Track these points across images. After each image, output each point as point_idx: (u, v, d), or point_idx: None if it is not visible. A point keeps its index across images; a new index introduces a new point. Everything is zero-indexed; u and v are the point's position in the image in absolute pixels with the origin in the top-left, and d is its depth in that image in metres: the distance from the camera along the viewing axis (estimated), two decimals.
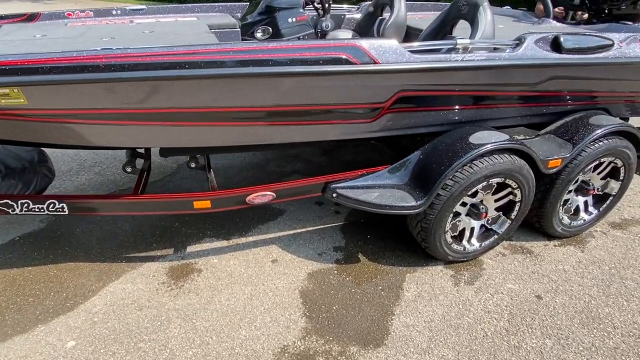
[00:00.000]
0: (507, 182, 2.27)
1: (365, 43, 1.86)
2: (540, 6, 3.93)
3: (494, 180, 2.23)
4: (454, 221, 2.35)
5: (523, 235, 2.77)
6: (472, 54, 2.06)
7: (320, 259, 2.52)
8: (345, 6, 3.88)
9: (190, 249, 2.57)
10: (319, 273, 2.40)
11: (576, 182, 2.58)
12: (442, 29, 2.80)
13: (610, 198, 2.74)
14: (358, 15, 3.77)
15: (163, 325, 2.04)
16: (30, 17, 2.89)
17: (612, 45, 2.31)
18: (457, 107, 2.30)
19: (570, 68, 2.25)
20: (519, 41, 2.17)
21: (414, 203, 2.15)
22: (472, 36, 2.43)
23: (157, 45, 1.91)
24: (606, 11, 3.51)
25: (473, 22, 2.47)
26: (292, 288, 2.28)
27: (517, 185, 2.30)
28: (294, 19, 2.95)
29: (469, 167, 2.13)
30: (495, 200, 2.40)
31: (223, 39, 3.02)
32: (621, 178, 2.65)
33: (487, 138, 2.16)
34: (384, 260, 2.52)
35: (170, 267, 2.42)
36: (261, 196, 2.18)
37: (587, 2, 3.57)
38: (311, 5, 3.42)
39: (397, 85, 2.01)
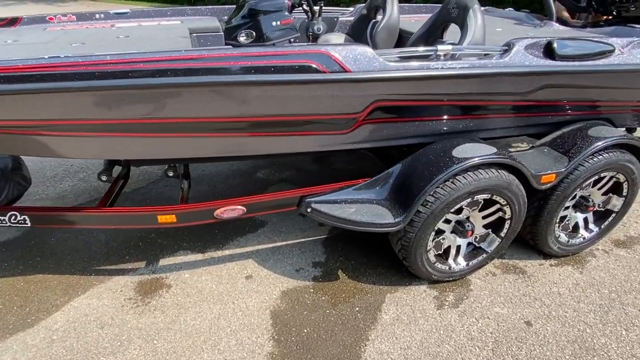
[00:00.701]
0: (494, 198, 2.10)
1: (334, 50, 1.73)
2: (559, 7, 3.72)
3: (480, 197, 2.07)
4: (437, 239, 2.20)
5: (517, 253, 2.59)
6: (454, 61, 1.90)
7: (297, 275, 2.39)
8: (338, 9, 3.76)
9: (163, 262, 2.47)
10: (294, 291, 2.27)
11: (574, 197, 2.40)
12: (432, 33, 2.64)
13: (613, 215, 2.54)
14: (351, 18, 3.64)
15: (123, 346, 1.94)
16: (11, 22, 2.84)
17: (612, 51, 2.12)
18: (442, 117, 2.15)
19: (565, 76, 2.07)
20: (508, 47, 2.01)
21: (391, 220, 2.00)
22: (461, 41, 2.27)
23: (125, 51, 1.83)
24: (614, 13, 3.30)
25: (462, 26, 2.31)
26: (264, 308, 2.16)
27: (506, 202, 2.14)
28: (278, 23, 2.83)
29: (452, 182, 1.98)
30: (483, 217, 2.23)
31: (205, 43, 2.93)
32: (624, 194, 2.45)
33: (472, 151, 2.00)
34: (365, 278, 2.38)
35: (140, 281, 2.32)
36: (230, 210, 2.07)
37: (594, 3, 3.36)
38: (300, 8, 3.30)
39: (372, 95, 1.87)
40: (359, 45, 1.78)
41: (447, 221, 2.17)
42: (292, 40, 3.65)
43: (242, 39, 2.88)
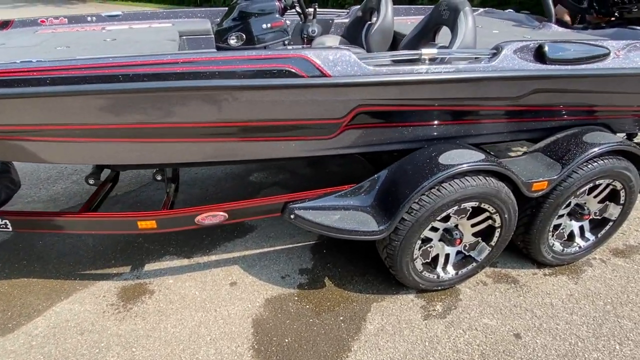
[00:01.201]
0: (483, 206, 2.04)
1: (313, 54, 1.68)
2: (561, 9, 3.65)
3: (468, 205, 2.01)
4: (424, 247, 2.14)
5: (510, 261, 2.52)
6: (439, 65, 1.85)
7: (283, 282, 2.35)
8: (333, 11, 3.71)
9: (148, 267, 2.45)
10: (278, 299, 2.23)
11: (568, 205, 2.32)
12: (424, 36, 2.59)
13: (610, 223, 2.45)
14: (347, 20, 3.59)
15: (101, 353, 1.92)
16: (3, 25, 2.85)
17: (607, 54, 2.04)
18: (431, 122, 2.09)
19: (557, 80, 2.00)
20: (496, 50, 1.94)
21: (375, 228, 1.95)
22: (451, 44, 2.21)
23: (108, 54, 1.81)
24: (616, 14, 3.21)
25: (453, 28, 2.25)
26: (246, 316, 2.12)
27: (495, 210, 2.07)
28: (268, 25, 2.80)
29: (437, 190, 1.92)
30: (472, 225, 2.17)
31: (195, 45, 2.91)
32: (621, 202, 2.37)
33: (459, 158, 1.94)
34: (351, 286, 2.33)
35: (123, 287, 2.30)
36: (211, 217, 2.03)
37: (595, 5, 3.28)
38: (294, 11, 3.27)
39: (354, 100, 1.82)
40: (340, 49, 1.73)
41: (434, 229, 2.11)
42: (286, 43, 3.64)
43: (232, 41, 2.85)
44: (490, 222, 2.15)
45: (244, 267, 2.46)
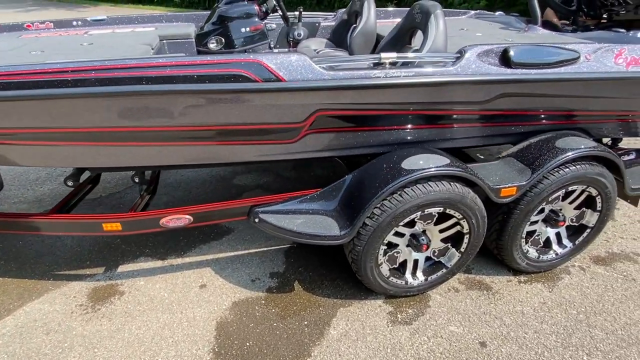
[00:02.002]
0: (448, 212, 2.01)
1: (267, 59, 1.68)
2: (549, 11, 3.60)
3: (432, 210, 1.98)
4: (391, 252, 2.12)
5: (486, 268, 2.48)
6: (398, 70, 1.83)
7: (252, 286, 2.35)
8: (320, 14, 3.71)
9: (122, 268, 2.47)
10: (245, 302, 2.23)
11: (542, 212, 2.27)
12: (400, 39, 2.57)
13: (588, 230, 2.40)
14: (333, 24, 3.59)
15: (63, 353, 1.94)
16: None
17: (577, 58, 2.00)
18: (397, 127, 2.07)
19: (523, 85, 1.96)
20: (460, 55, 1.91)
21: (337, 233, 1.94)
22: (421, 47, 2.19)
23: (78, 59, 1.85)
24: (604, 16, 3.14)
25: (424, 32, 2.23)
26: (211, 318, 2.13)
27: (462, 216, 2.04)
28: (247, 29, 2.82)
29: (399, 195, 1.90)
30: (441, 231, 2.14)
31: (175, 49, 2.93)
32: (598, 209, 2.31)
33: (422, 163, 1.92)
34: (320, 290, 2.32)
35: (95, 287, 2.33)
36: (176, 219, 2.05)
37: (584, 7, 3.21)
38: (278, 15, 3.28)
39: (313, 105, 1.82)
40: (295, 53, 1.73)
41: (400, 234, 2.08)
42: (271, 45, 3.65)
43: (212, 45, 2.88)
44: (458, 228, 2.12)
45: (216, 269, 2.46)
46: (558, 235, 2.41)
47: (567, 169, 2.09)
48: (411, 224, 2.05)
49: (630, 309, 2.22)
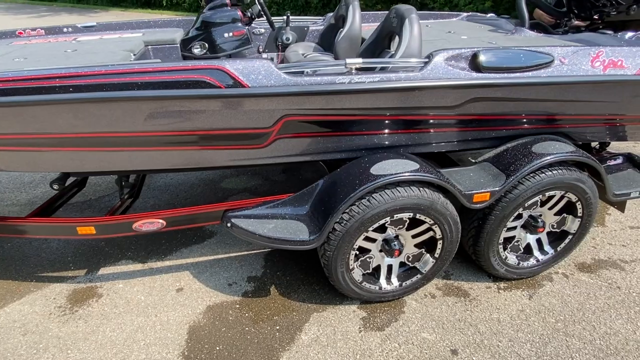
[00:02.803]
0: (419, 217, 1.99)
1: (230, 65, 1.69)
2: (538, 11, 3.56)
3: (402, 216, 1.97)
4: (363, 258, 2.11)
5: (466, 274, 2.45)
6: (363, 75, 1.81)
7: (228, 290, 2.36)
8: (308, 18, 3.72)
9: (103, 270, 2.51)
10: (219, 306, 2.24)
11: (519, 217, 2.24)
12: (379, 43, 2.56)
13: (570, 237, 2.35)
14: (322, 28, 3.59)
15: (37, 354, 1.98)
16: None
17: (550, 62, 1.96)
18: (368, 132, 2.06)
19: (494, 89, 1.94)
20: (427, 59, 1.90)
21: (306, 237, 1.94)
22: (396, 52, 2.18)
23: (59, 65, 1.89)
24: (595, 18, 3.08)
25: (399, 36, 2.22)
26: (184, 322, 2.14)
27: (433, 221, 2.02)
28: (230, 34, 2.84)
29: (367, 200, 1.89)
30: (414, 236, 2.12)
31: (160, 55, 2.97)
32: (579, 215, 2.26)
33: (390, 168, 1.90)
34: (296, 295, 2.31)
35: (75, 289, 2.37)
36: (148, 224, 2.07)
37: (574, 9, 3.15)
38: (264, 19, 3.30)
39: (278, 110, 1.82)
40: (259, 59, 1.74)
41: (372, 240, 2.07)
42: (260, 50, 3.67)
43: (196, 50, 2.92)
44: (431, 233, 2.10)
45: (194, 273, 2.48)
46: (539, 241, 2.37)
47: (544, 175, 2.05)
48: (382, 229, 2.04)
49: (612, 317, 2.17)
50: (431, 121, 2.10)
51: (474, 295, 2.31)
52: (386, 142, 2.12)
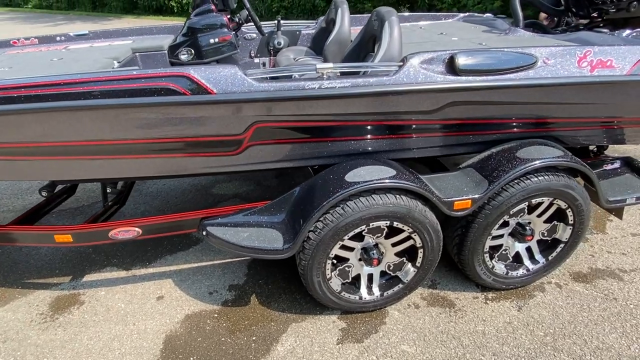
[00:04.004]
0: (396, 225, 1.93)
1: (196, 72, 1.67)
2: (543, 14, 3.47)
3: (379, 224, 1.90)
4: (342, 266, 2.05)
5: (453, 283, 2.37)
6: (335, 80, 1.76)
7: (209, 298, 2.33)
8: (300, 22, 3.70)
9: (88, 277, 2.52)
10: (198, 315, 2.21)
11: (506, 225, 2.15)
12: (363, 47, 2.50)
13: (561, 245, 2.24)
14: (314, 31, 3.56)
15: None
16: None
17: (533, 63, 1.87)
18: (346, 137, 2.01)
19: (472, 93, 1.86)
20: (402, 63, 1.84)
21: (280, 246, 1.90)
22: (374, 56, 2.12)
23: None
24: (594, 15, 2.96)
25: (379, 39, 2.17)
26: (161, 331, 2.12)
27: (412, 230, 1.95)
28: (216, 40, 2.83)
29: (341, 208, 1.84)
30: (394, 245, 2.05)
31: (148, 62, 2.98)
32: (570, 222, 2.16)
33: (365, 175, 1.85)
34: (276, 304, 2.27)
35: (58, 296, 2.38)
36: (124, 232, 2.06)
37: (572, 7, 3.04)
38: (252, 25, 3.28)
39: (248, 117, 1.79)
40: (226, 66, 1.71)
41: (350, 248, 2.01)
42: (252, 55, 3.65)
43: (183, 57, 2.92)
44: (411, 241, 2.03)
45: (176, 280, 2.47)
46: (529, 250, 2.27)
47: (529, 181, 1.96)
48: (360, 237, 1.98)
49: (605, 331, 2.06)
50: (411, 126, 2.03)
51: (459, 305, 2.23)
52: (366, 148, 2.07)
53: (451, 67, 1.82)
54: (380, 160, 2.01)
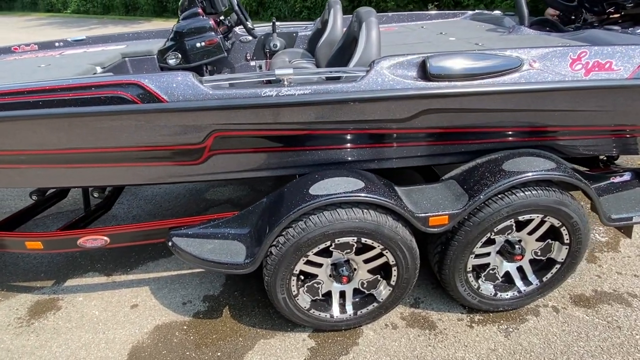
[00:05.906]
0: (365, 242, 1.79)
1: (147, 79, 1.60)
2: (550, 10, 3.23)
3: (346, 240, 1.78)
4: (310, 283, 1.94)
5: (439, 302, 2.20)
6: (295, 87, 1.65)
7: (181, 309, 2.28)
8: (295, 23, 3.60)
9: (69, 282, 2.53)
10: (167, 327, 2.16)
11: (492, 242, 1.96)
12: (346, 49, 2.37)
13: (557, 266, 2.03)
14: (310, 33, 3.46)
15: None
16: None
17: (517, 66, 1.69)
18: (314, 147, 1.90)
19: (448, 100, 1.69)
20: (369, 68, 1.70)
21: (241, 261, 1.81)
22: (350, 60, 2.00)
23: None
24: (610, 11, 2.70)
25: (357, 41, 2.04)
26: (129, 341, 2.08)
27: (383, 246, 1.81)
28: (202, 43, 2.78)
29: (303, 222, 1.73)
30: (366, 262, 1.92)
31: (138, 66, 2.98)
32: (566, 241, 1.95)
33: (330, 188, 1.73)
34: (248, 318, 2.19)
35: (38, 301, 2.39)
36: (92, 240, 2.04)
37: (585, 3, 2.78)
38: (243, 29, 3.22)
39: (205, 125, 1.71)
40: (180, 73, 1.64)
41: (317, 264, 1.90)
42: (248, 57, 3.59)
43: (171, 61, 2.88)
44: (384, 259, 1.89)
45: (153, 289, 2.43)
46: (521, 269, 2.08)
47: (514, 196, 1.78)
48: (329, 252, 1.86)
49: None
50: (387, 135, 1.89)
51: (441, 327, 2.06)
52: (341, 158, 1.95)
53: (423, 72, 1.67)
54: (353, 171, 1.88)
